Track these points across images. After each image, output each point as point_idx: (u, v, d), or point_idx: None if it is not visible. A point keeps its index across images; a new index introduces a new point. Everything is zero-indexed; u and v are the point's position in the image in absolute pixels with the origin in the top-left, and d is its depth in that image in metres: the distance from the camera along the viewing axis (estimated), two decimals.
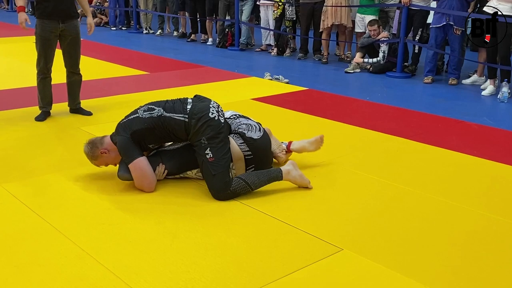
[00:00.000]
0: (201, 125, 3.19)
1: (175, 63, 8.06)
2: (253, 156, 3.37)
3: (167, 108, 3.27)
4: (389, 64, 7.44)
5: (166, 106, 3.29)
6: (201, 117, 3.20)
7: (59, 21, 4.53)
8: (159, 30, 11.46)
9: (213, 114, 3.23)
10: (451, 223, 2.99)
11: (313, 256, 2.59)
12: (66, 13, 4.56)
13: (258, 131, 3.45)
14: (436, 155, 4.10)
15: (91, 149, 3.36)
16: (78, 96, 4.97)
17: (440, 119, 5.16)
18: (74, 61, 4.78)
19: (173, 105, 3.29)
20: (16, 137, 4.28)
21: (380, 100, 5.90)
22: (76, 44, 4.72)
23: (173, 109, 3.26)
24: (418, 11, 7.18)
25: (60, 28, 4.55)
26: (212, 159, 3.16)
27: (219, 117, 3.26)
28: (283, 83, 6.68)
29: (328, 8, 7.95)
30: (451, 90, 6.60)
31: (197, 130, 3.19)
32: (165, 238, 2.74)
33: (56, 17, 4.51)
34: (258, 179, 3.23)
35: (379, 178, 3.59)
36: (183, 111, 3.25)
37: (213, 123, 3.20)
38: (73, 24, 4.65)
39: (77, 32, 4.71)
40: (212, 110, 3.25)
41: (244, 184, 3.19)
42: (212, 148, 3.17)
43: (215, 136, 3.20)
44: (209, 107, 3.26)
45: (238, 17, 9.29)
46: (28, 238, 2.72)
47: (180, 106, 3.28)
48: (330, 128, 4.76)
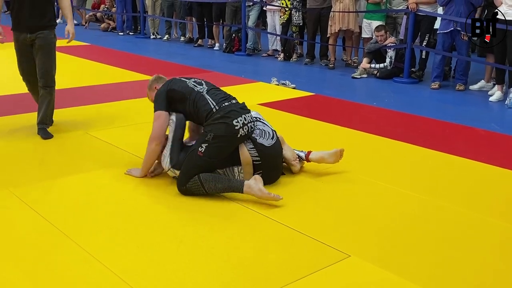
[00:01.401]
0: (220, 122, 3.27)
1: (182, 68, 8.08)
2: (262, 162, 3.37)
3: (210, 92, 3.44)
4: (396, 70, 7.43)
5: (211, 90, 3.46)
6: (225, 116, 3.29)
7: (27, 32, 4.25)
8: (166, 35, 11.49)
9: (237, 124, 3.29)
10: (461, 230, 2.98)
11: (320, 262, 2.59)
12: (34, 25, 4.24)
13: (270, 138, 3.45)
14: (443, 161, 4.08)
15: (152, 81, 3.73)
16: (45, 116, 4.42)
17: (447, 125, 5.15)
18: (45, 74, 4.35)
19: (216, 94, 3.44)
20: (23, 142, 4.30)
21: (387, 106, 5.89)
22: (45, 55, 4.32)
23: (214, 96, 3.41)
24: (425, 17, 7.17)
25: (30, 38, 4.26)
26: (201, 154, 3.25)
27: (240, 129, 3.30)
28: (290, 88, 6.68)
29: (335, 13, 7.96)
30: (459, 95, 6.58)
31: (213, 122, 3.29)
32: (171, 243, 2.74)
33: (23, 28, 4.25)
34: (215, 184, 3.23)
35: (386, 184, 3.58)
36: (219, 103, 3.36)
37: (230, 128, 3.27)
38: (43, 34, 4.29)
39: (47, 43, 4.32)
40: (240, 119, 3.31)
41: (199, 184, 3.23)
42: (209, 146, 3.24)
43: (221, 139, 3.26)
44: (240, 116, 3.32)
45: (245, 22, 9.31)
46: (36, 242, 2.73)
47: (221, 98, 3.41)
48: (336, 134, 4.75)
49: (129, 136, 4.51)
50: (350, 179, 3.65)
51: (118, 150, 4.15)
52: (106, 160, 3.91)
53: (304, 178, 3.65)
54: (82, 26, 13.74)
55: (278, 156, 3.54)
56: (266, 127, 3.53)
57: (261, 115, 3.74)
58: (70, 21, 4.51)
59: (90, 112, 5.30)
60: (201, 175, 3.24)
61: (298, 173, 3.68)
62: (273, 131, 3.54)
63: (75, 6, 13.88)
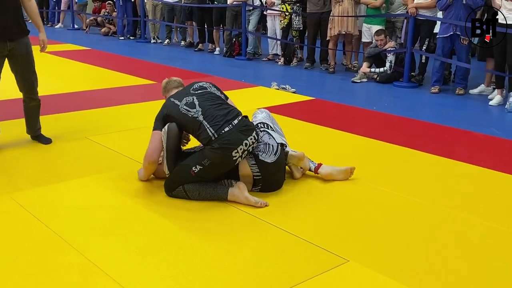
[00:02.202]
0: (218, 152, 3.20)
1: (183, 73, 8.09)
2: (262, 177, 3.37)
3: (206, 114, 3.29)
4: (396, 74, 7.43)
5: (207, 111, 3.31)
6: (224, 147, 3.20)
7: (6, 40, 3.93)
8: (167, 39, 11.52)
9: (236, 155, 3.22)
10: (459, 234, 2.98)
11: (319, 267, 2.58)
12: (13, 30, 3.96)
13: (273, 154, 3.39)
14: (443, 166, 4.08)
15: (163, 89, 3.77)
16: (38, 122, 4.40)
17: (447, 129, 5.15)
18: (29, 84, 4.16)
19: (214, 115, 3.29)
20: (23, 146, 4.31)
21: (387, 110, 5.89)
22: (28, 63, 4.09)
23: (212, 119, 3.27)
24: (425, 21, 7.18)
25: (8, 47, 3.96)
26: (193, 173, 3.23)
27: (238, 157, 3.25)
28: (290, 93, 6.69)
29: (334, 17, 7.97)
30: (458, 100, 6.58)
31: (211, 151, 3.22)
32: (171, 248, 2.74)
33: (2, 36, 3.90)
34: (199, 193, 3.24)
35: (386, 188, 3.58)
36: (218, 130, 3.23)
37: (228, 159, 3.22)
38: (23, 42, 4.03)
39: (27, 51, 4.07)
40: (240, 148, 3.22)
41: (184, 193, 3.27)
42: (203, 169, 3.22)
43: (217, 166, 3.25)
44: (241, 144, 3.22)
45: (245, 26, 9.33)
46: (34, 247, 2.73)
47: (220, 121, 3.26)
48: (336, 138, 4.76)
49: (129, 140, 4.52)
50: (348, 184, 3.65)
51: (118, 155, 4.15)
52: (105, 165, 3.91)
53: (302, 182, 3.64)
54: (83, 30, 13.78)
55: (280, 170, 3.50)
56: (271, 140, 3.46)
57: (271, 115, 3.72)
58: (42, 29, 4.22)
59: (90, 117, 5.30)
60: (185, 185, 3.25)
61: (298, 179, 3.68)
62: (277, 145, 3.46)
63: (75, 11, 13.94)
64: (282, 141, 3.55)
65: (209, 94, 3.48)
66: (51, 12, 15.02)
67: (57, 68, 8.14)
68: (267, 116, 3.71)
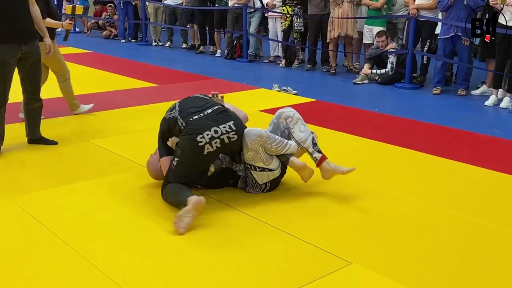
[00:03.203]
0: (185, 138, 3.20)
1: (184, 75, 8.10)
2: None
3: (182, 111, 3.32)
4: (397, 75, 7.43)
5: (183, 110, 3.32)
6: (190, 132, 3.18)
7: (21, 43, 3.99)
8: (168, 42, 11.53)
9: (201, 140, 3.14)
10: (462, 237, 2.97)
11: (322, 270, 2.58)
12: (28, 33, 4.04)
13: (261, 190, 3.42)
14: (445, 167, 4.07)
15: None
16: (39, 125, 4.43)
17: (449, 130, 5.14)
18: (35, 86, 4.25)
19: (188, 110, 3.30)
20: (26, 150, 4.31)
21: (388, 111, 5.89)
22: (37, 67, 4.20)
23: (184, 114, 3.29)
24: (426, 22, 7.18)
25: (23, 50, 4.01)
26: (173, 167, 3.25)
27: (206, 144, 3.14)
28: (292, 95, 6.69)
29: (334, 19, 7.97)
30: (460, 101, 6.57)
31: (181, 138, 3.23)
32: (172, 252, 2.74)
33: (17, 38, 3.96)
34: (170, 197, 3.22)
35: (388, 190, 3.57)
36: (186, 118, 3.25)
37: (194, 144, 3.15)
38: (35, 45, 4.12)
39: (39, 54, 4.18)
40: (207, 133, 3.14)
41: (166, 197, 3.26)
42: (178, 162, 3.21)
43: (187, 156, 3.19)
44: (208, 130, 3.15)
45: (246, 28, 9.33)
46: (37, 251, 2.73)
47: (191, 112, 3.28)
48: (338, 140, 4.75)
49: (131, 143, 4.52)
50: (351, 185, 3.64)
51: (120, 158, 4.15)
52: (108, 168, 3.91)
53: (304, 184, 3.64)
54: (84, 33, 13.80)
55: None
56: (262, 174, 3.35)
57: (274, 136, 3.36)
58: (47, 34, 4.33)
59: (92, 120, 5.31)
60: (168, 185, 3.24)
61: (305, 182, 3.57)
62: (266, 183, 3.40)
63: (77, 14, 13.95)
64: (269, 179, 3.41)
65: (192, 97, 3.51)
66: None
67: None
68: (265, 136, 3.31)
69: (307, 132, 3.52)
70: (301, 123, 3.55)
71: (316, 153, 3.48)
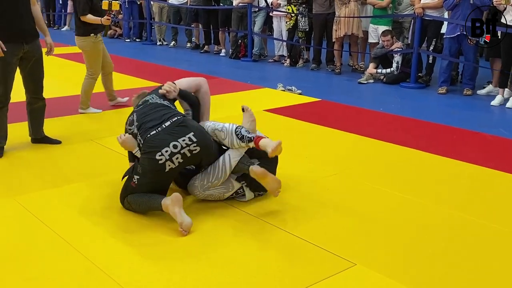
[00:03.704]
0: (144, 157, 3.07)
1: (188, 75, 8.02)
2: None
3: (141, 127, 3.16)
4: (403, 75, 7.38)
5: (142, 125, 3.16)
6: (148, 151, 3.05)
7: (22, 42, 3.99)
8: (173, 41, 11.52)
9: (161, 157, 3.00)
10: (468, 238, 2.93)
11: (326, 271, 2.55)
12: (29, 33, 4.04)
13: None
14: (450, 167, 4.04)
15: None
16: (43, 124, 4.42)
17: (454, 130, 5.10)
18: (37, 85, 4.25)
19: (146, 125, 3.14)
20: (29, 149, 4.30)
21: (393, 111, 5.85)
22: (40, 65, 4.19)
23: (143, 130, 3.13)
24: (432, 21, 7.13)
25: (24, 49, 4.02)
26: (134, 185, 3.09)
27: (166, 162, 3.01)
28: (296, 94, 6.66)
29: (340, 18, 7.94)
30: (466, 100, 6.53)
31: (142, 156, 3.11)
32: (176, 253, 2.72)
33: (19, 38, 3.96)
34: (139, 206, 3.10)
35: (392, 191, 3.54)
36: (144, 135, 3.10)
37: (154, 163, 3.01)
38: (36, 44, 4.11)
39: (40, 53, 4.16)
40: (166, 150, 2.99)
41: (128, 205, 3.13)
42: (140, 179, 3.07)
43: (149, 174, 3.06)
44: (167, 146, 3.00)
45: (251, 28, 9.31)
46: (39, 250, 2.72)
47: (149, 127, 3.11)
48: (342, 140, 4.72)
49: None
50: (355, 186, 3.62)
51: (123, 157, 4.12)
52: (112, 167, 3.89)
53: (308, 185, 3.62)
54: None
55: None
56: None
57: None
58: (48, 33, 4.34)
59: (96, 119, 5.30)
60: (128, 197, 3.12)
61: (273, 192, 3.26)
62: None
63: None
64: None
65: (149, 105, 3.29)
66: (57, 14, 15.06)
67: (64, 70, 8.15)
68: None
69: (227, 131, 3.22)
70: (218, 130, 3.25)
71: (248, 142, 3.17)
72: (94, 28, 5.28)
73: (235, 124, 3.28)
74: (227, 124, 3.28)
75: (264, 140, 3.16)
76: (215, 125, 3.30)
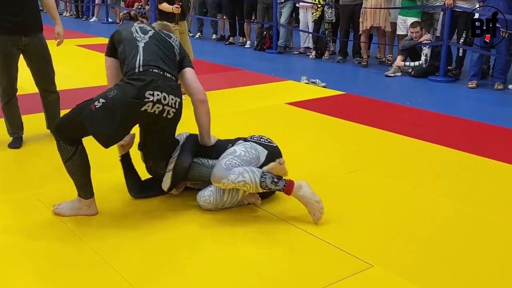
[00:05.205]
0: (132, 84, 2.79)
1: (212, 66, 8.02)
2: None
3: (147, 45, 3.00)
4: (431, 68, 7.19)
5: (151, 45, 3.01)
6: (143, 81, 2.80)
7: (21, 35, 3.93)
8: (198, 33, 11.48)
9: (149, 97, 2.77)
10: (496, 242, 2.79)
11: (343, 272, 2.46)
12: (28, 25, 3.95)
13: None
14: (480, 166, 3.87)
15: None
16: (59, 116, 4.21)
17: (485, 126, 4.91)
18: (46, 80, 4.19)
19: (153, 53, 2.94)
20: (47, 140, 4.29)
21: (421, 106, 5.68)
22: (44, 59, 4.11)
23: (148, 53, 2.93)
24: (463, 13, 6.91)
25: (23, 42, 3.96)
26: (94, 108, 2.79)
27: (149, 102, 2.77)
28: (320, 87, 6.53)
29: (367, 10, 7.77)
30: (497, 95, 6.31)
31: (127, 81, 2.83)
32: (185, 249, 2.66)
33: (17, 30, 3.91)
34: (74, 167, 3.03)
35: (416, 189, 3.41)
36: (146, 65, 2.87)
37: (136, 97, 2.75)
38: (37, 37, 4.04)
39: (43, 46, 4.08)
40: (157, 94, 2.78)
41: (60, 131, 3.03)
42: (104, 104, 2.77)
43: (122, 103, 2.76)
44: (161, 92, 2.79)
45: (276, 19, 9.19)
46: (50, 243, 2.69)
47: (152, 60, 2.91)
48: (365, 134, 4.59)
49: None
50: (377, 184, 3.50)
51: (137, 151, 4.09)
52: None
53: (327, 181, 3.51)
54: (117, 24, 13.88)
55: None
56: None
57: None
58: (59, 22, 4.25)
59: None
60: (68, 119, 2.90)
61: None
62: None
63: (109, 4, 14.05)
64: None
65: (159, 50, 3.00)
66: (85, 5, 15.19)
67: (89, 61, 8.17)
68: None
69: (252, 184, 2.89)
70: (241, 185, 2.90)
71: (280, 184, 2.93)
72: (169, 17, 5.46)
73: (256, 171, 2.92)
74: (246, 173, 2.89)
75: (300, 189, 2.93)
76: (232, 177, 2.88)
